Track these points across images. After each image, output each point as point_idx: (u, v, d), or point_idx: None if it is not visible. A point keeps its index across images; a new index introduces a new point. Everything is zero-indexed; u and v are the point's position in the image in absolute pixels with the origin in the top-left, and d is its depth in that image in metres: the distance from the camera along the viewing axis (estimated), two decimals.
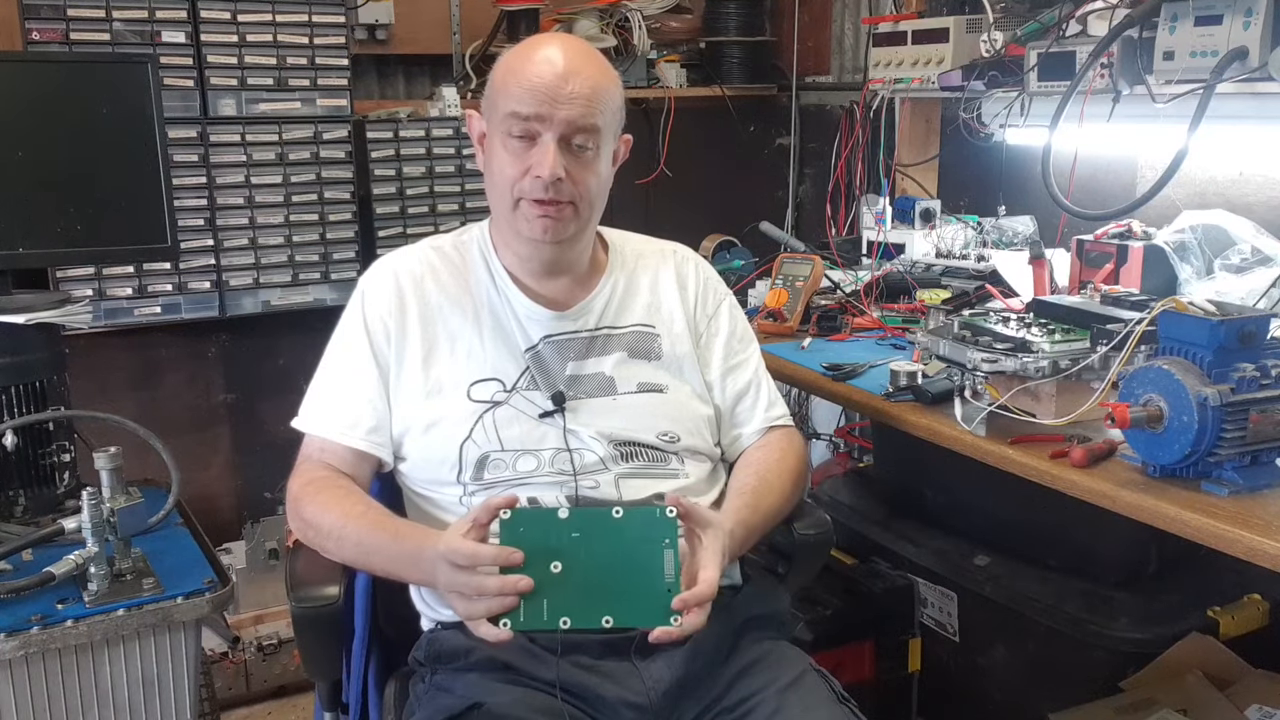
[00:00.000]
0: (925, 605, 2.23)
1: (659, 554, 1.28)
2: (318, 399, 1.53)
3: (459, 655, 1.42)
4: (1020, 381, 1.56)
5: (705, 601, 1.29)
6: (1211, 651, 1.90)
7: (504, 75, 1.47)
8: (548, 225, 1.46)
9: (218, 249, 2.65)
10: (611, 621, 1.26)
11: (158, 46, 2.49)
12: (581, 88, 1.42)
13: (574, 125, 1.43)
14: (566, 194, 1.45)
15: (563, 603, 1.27)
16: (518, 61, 1.46)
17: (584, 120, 1.43)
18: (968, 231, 2.61)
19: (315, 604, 1.37)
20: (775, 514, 1.53)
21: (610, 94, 1.47)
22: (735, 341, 1.65)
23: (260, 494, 2.94)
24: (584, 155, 1.46)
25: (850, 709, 1.39)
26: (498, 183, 1.48)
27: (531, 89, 1.42)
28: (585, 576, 1.27)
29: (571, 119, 1.42)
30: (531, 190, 1.44)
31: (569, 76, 1.42)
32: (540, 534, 1.29)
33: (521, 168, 1.44)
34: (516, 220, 1.48)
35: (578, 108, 1.42)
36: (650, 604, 1.27)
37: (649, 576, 1.28)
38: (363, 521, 1.41)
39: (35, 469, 1.74)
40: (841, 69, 3.39)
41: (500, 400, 1.49)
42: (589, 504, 1.43)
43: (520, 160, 1.44)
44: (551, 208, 1.45)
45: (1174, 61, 1.91)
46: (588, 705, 1.37)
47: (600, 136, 1.46)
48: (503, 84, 1.46)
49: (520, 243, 1.51)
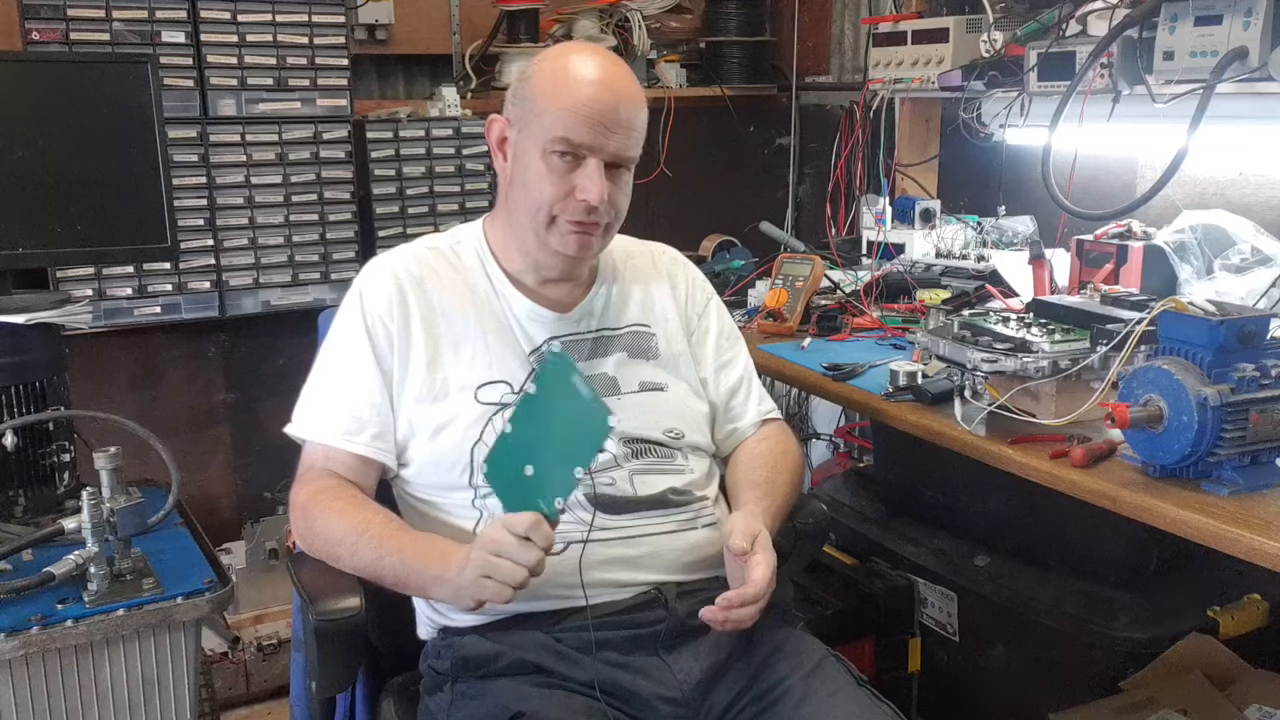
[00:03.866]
0: (925, 605, 2.23)
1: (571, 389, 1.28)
2: (317, 404, 1.51)
3: (486, 661, 1.41)
4: (1020, 381, 1.56)
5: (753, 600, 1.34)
6: (1211, 651, 1.90)
7: (550, 92, 1.44)
8: (583, 242, 1.48)
9: (218, 249, 2.65)
10: (581, 469, 1.26)
11: (158, 46, 2.49)
12: (632, 118, 1.45)
13: (622, 156, 1.46)
14: (605, 216, 1.47)
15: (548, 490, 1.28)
16: (565, 78, 1.44)
17: (630, 151, 1.47)
18: (968, 231, 2.61)
19: (339, 616, 1.34)
20: (788, 505, 1.55)
21: (645, 119, 1.50)
22: (724, 339, 1.68)
23: (260, 494, 2.94)
24: (621, 177, 1.48)
25: (870, 690, 1.43)
26: (534, 198, 1.46)
27: (588, 117, 1.42)
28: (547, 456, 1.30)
29: (620, 151, 1.45)
30: (575, 212, 1.45)
31: (620, 105, 1.44)
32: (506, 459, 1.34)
33: (564, 188, 1.44)
34: (550, 236, 1.48)
35: (628, 139, 1.45)
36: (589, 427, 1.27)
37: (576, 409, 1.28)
38: (380, 531, 1.39)
39: (35, 469, 1.74)
40: (841, 69, 3.39)
41: (508, 402, 1.47)
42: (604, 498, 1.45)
43: (563, 181, 1.44)
44: (590, 227, 1.47)
45: (1174, 61, 1.91)
46: (624, 703, 1.38)
47: (635, 162, 1.50)
48: (548, 102, 1.44)
49: (545, 254, 1.51)
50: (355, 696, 1.61)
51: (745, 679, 1.43)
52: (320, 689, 1.40)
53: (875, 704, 1.40)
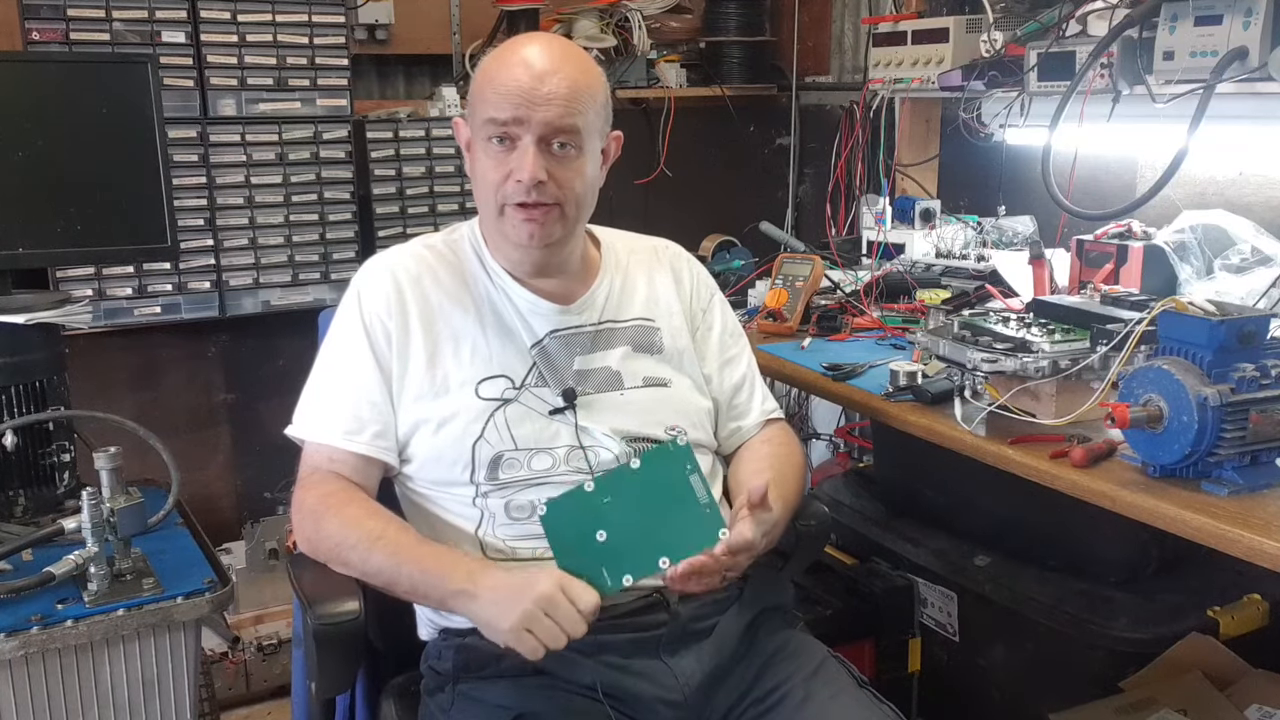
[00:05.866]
0: (925, 605, 2.23)
1: (685, 482, 1.32)
2: (317, 404, 1.50)
3: (488, 663, 1.40)
4: (1020, 381, 1.56)
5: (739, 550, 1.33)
6: (1211, 651, 1.90)
7: (482, 81, 1.45)
8: (533, 230, 1.45)
9: (218, 249, 2.65)
10: (668, 561, 1.30)
11: (158, 46, 2.49)
12: (558, 87, 1.40)
13: (552, 126, 1.41)
14: (550, 196, 1.43)
15: (618, 564, 1.30)
16: (494, 65, 1.45)
17: (562, 121, 1.41)
18: (968, 231, 2.61)
19: (338, 620, 1.34)
20: (792, 508, 1.54)
21: (591, 91, 1.45)
22: (728, 336, 1.67)
23: (260, 494, 2.94)
24: (566, 155, 1.44)
25: (871, 692, 1.43)
26: (482, 189, 1.47)
27: (507, 93, 1.40)
28: (629, 532, 1.32)
29: (549, 120, 1.40)
30: (514, 195, 1.43)
31: (544, 77, 1.40)
32: (578, 514, 1.33)
33: (503, 172, 1.43)
34: (504, 226, 1.47)
35: (555, 109, 1.40)
36: (696, 530, 1.31)
37: (685, 505, 1.32)
38: (395, 540, 1.38)
39: (35, 469, 1.74)
40: (841, 69, 3.39)
41: (510, 398, 1.47)
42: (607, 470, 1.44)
43: (501, 165, 1.43)
44: (536, 211, 1.43)
45: (1174, 61, 1.91)
46: (626, 706, 1.38)
47: (582, 136, 1.44)
48: (480, 90, 1.45)
49: (509, 247, 1.50)
50: (355, 697, 1.61)
51: (746, 682, 1.43)
52: (320, 690, 1.40)
53: (877, 705, 1.41)
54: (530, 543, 1.42)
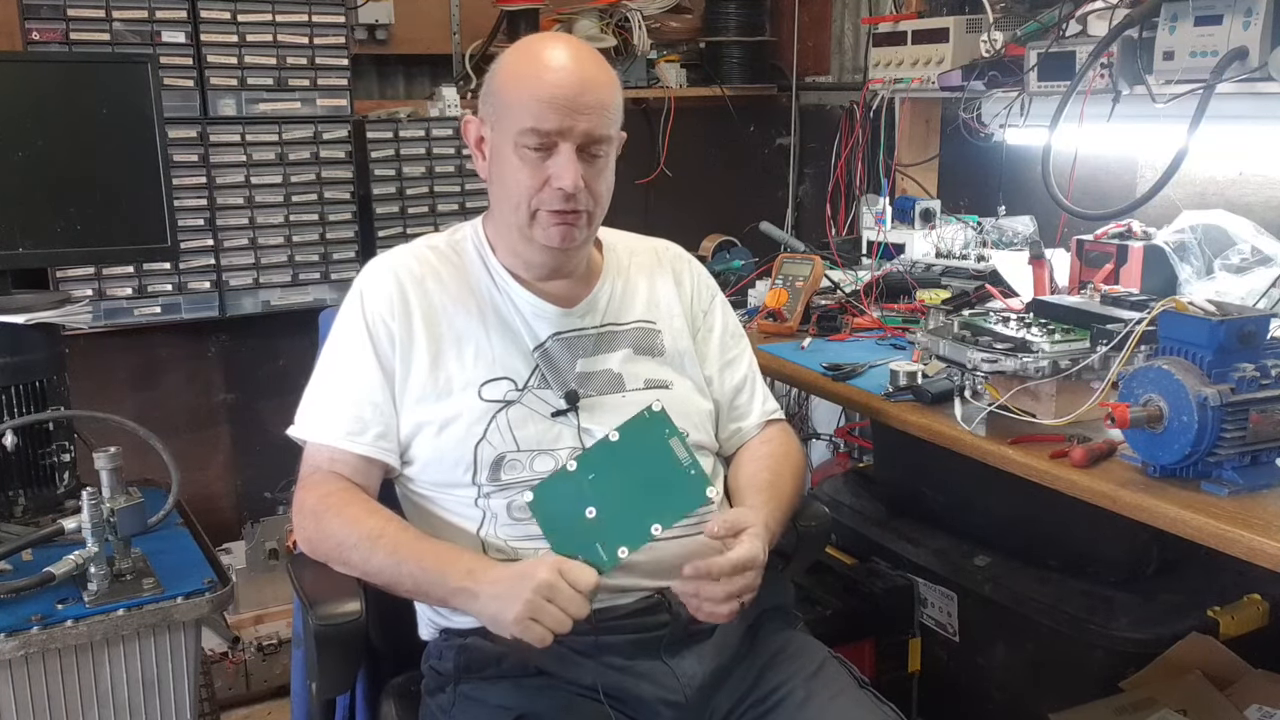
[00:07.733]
0: (925, 605, 2.23)
1: (665, 447, 1.35)
2: (319, 405, 1.49)
3: (489, 663, 1.41)
4: (1020, 381, 1.56)
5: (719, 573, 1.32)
6: (1211, 651, 1.90)
7: (513, 84, 1.44)
8: (565, 233, 1.46)
9: (218, 249, 2.65)
10: (660, 527, 1.31)
11: (158, 46, 2.49)
12: (597, 97, 1.42)
13: (591, 136, 1.43)
14: (584, 203, 1.45)
15: (612, 538, 1.31)
16: (527, 69, 1.44)
17: (600, 130, 1.43)
18: (968, 231, 2.61)
19: (339, 621, 1.34)
20: (792, 508, 1.54)
21: (617, 99, 1.48)
22: (729, 337, 1.67)
23: (260, 494, 2.94)
24: (597, 163, 1.46)
25: (872, 692, 1.43)
26: (512, 194, 1.46)
27: (551, 102, 1.40)
28: (618, 505, 1.33)
29: (589, 130, 1.42)
30: (551, 201, 1.43)
31: (584, 87, 1.41)
32: (565, 496, 1.35)
33: (539, 179, 1.43)
34: (533, 230, 1.46)
35: (595, 118, 1.42)
36: (683, 492, 1.34)
37: (669, 470, 1.35)
38: (396, 538, 1.38)
39: (35, 469, 1.74)
40: (841, 69, 3.39)
41: (512, 399, 1.47)
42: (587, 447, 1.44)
43: (538, 172, 1.43)
44: (570, 216, 1.45)
45: (1174, 61, 1.91)
46: (627, 707, 1.38)
47: (611, 144, 1.47)
48: (513, 94, 1.43)
49: (533, 250, 1.50)
50: (355, 697, 1.60)
51: (748, 682, 1.43)
52: (320, 691, 1.40)
53: (877, 706, 1.41)
54: (532, 543, 1.41)
